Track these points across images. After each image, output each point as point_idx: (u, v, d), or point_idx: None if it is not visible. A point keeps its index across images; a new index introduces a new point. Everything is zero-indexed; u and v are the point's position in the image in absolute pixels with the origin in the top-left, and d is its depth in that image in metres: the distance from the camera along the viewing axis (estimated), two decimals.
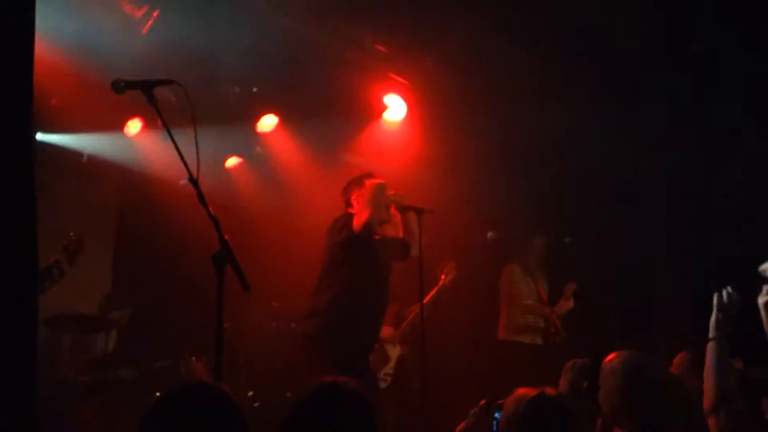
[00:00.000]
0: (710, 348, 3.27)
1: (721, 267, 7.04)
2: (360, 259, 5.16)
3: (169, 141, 3.28)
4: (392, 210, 5.38)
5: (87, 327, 6.91)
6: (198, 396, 2.07)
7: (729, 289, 3.28)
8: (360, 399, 2.38)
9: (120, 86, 3.41)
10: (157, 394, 6.93)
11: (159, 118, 3.33)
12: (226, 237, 3.16)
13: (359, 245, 5.15)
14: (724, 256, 6.87)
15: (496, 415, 2.76)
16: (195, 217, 3.39)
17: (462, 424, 2.90)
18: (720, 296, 3.24)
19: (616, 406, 3.05)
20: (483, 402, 2.87)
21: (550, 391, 2.60)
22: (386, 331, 6.68)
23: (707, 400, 3.39)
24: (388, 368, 6.92)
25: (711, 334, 3.24)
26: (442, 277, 6.96)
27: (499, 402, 2.76)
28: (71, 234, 5.04)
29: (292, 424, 2.30)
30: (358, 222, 5.10)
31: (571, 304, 7.13)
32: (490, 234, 7.27)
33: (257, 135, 7.85)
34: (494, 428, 2.75)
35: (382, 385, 6.72)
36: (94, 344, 6.99)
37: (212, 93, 7.14)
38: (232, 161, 8.22)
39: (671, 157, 7.73)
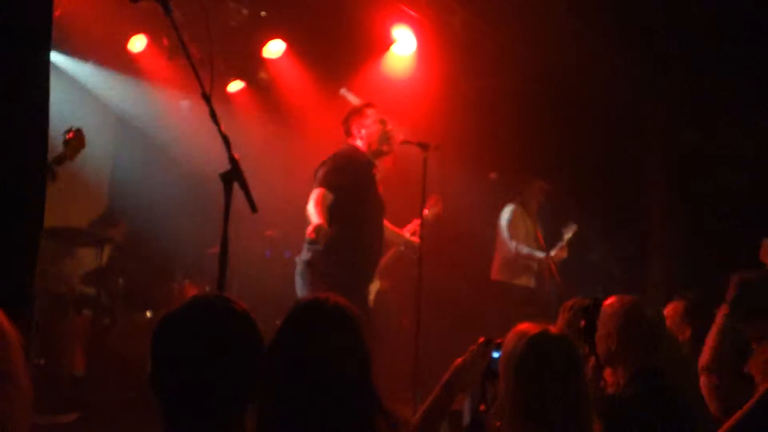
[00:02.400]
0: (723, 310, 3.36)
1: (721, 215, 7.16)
2: (362, 193, 5.15)
3: (175, 59, 3.21)
4: (395, 143, 5.34)
5: (81, 241, 6.91)
6: (222, 307, 2.00)
7: None
8: (343, 313, 2.34)
9: None
10: (148, 313, 6.99)
11: (175, 31, 3.25)
12: (236, 156, 3.12)
13: (351, 182, 5.17)
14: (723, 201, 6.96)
15: (495, 354, 2.73)
16: (197, 137, 3.34)
17: (458, 361, 2.87)
18: None
19: (613, 348, 3.09)
20: (482, 340, 2.85)
21: (552, 329, 2.57)
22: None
23: (704, 357, 3.45)
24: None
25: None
26: (425, 210, 6.86)
27: (498, 341, 2.74)
28: (71, 128, 4.89)
29: (278, 343, 2.28)
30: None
31: (565, 253, 7.08)
32: (492, 175, 7.21)
33: (262, 60, 7.74)
34: (492, 366, 2.73)
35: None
36: (87, 259, 7.00)
37: (220, 14, 7.03)
38: (235, 85, 8.12)
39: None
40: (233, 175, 3.08)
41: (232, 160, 3.10)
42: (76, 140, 4.86)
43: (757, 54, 6.84)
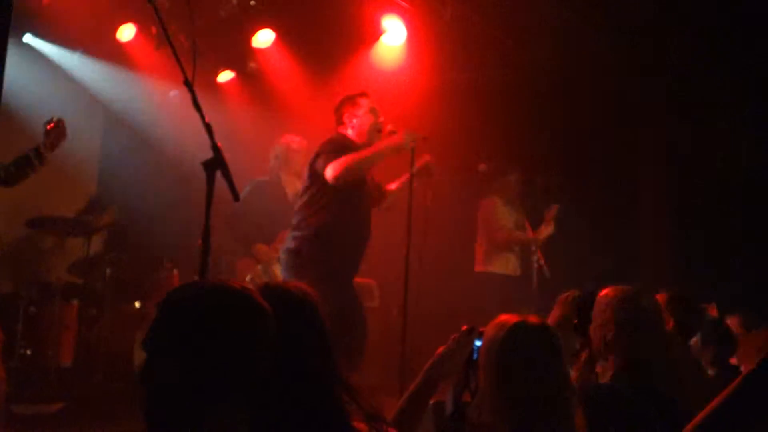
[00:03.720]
0: None
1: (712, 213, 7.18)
2: (354, 182, 5.13)
3: (162, 48, 3.20)
4: (385, 132, 5.30)
5: (69, 230, 6.88)
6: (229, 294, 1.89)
7: None
8: (298, 296, 2.28)
9: None
10: (136, 303, 6.98)
11: (157, 18, 3.23)
12: (219, 144, 3.11)
13: None
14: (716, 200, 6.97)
15: (477, 342, 2.73)
16: (186, 126, 3.32)
17: (440, 349, 2.87)
18: None
19: (608, 339, 3.06)
20: (464, 328, 2.84)
21: (533, 318, 2.55)
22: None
23: None
24: None
25: None
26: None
27: (481, 330, 2.73)
28: (52, 118, 4.76)
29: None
30: (332, 174, 4.96)
31: (551, 228, 7.08)
32: (481, 166, 7.18)
33: (252, 50, 7.71)
34: (474, 356, 2.72)
35: None
36: (75, 248, 6.97)
37: (209, 4, 7.00)
38: (225, 75, 8.09)
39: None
40: (216, 163, 3.07)
41: (215, 148, 3.08)
42: (56, 130, 4.74)
43: (751, 53, 6.84)
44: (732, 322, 4.98)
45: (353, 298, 5.18)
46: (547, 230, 7.11)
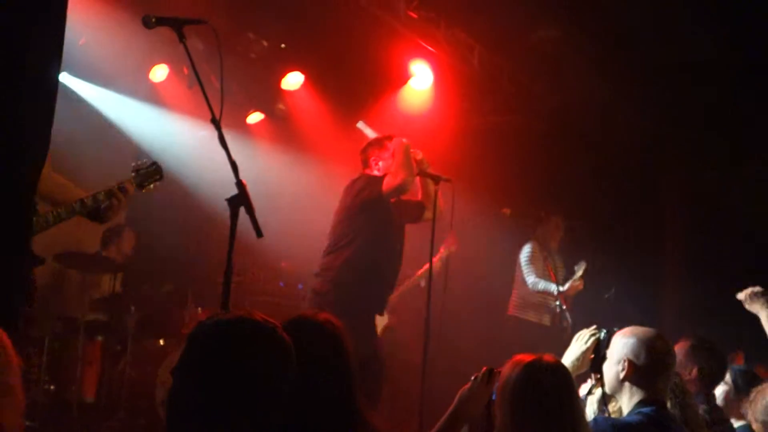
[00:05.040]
0: None
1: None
2: (377, 221, 5.14)
3: (193, 88, 3.27)
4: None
5: (94, 267, 6.95)
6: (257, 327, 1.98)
7: None
8: (328, 329, 2.39)
9: (151, 21, 3.37)
10: (161, 341, 7.00)
11: (188, 58, 3.31)
12: (243, 182, 3.16)
13: (378, 207, 5.12)
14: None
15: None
16: (213, 165, 3.35)
17: (463, 388, 2.88)
18: None
19: (621, 376, 3.08)
20: (485, 369, 2.85)
21: (548, 357, 2.58)
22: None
23: None
24: None
25: None
26: (441, 249, 6.85)
27: (500, 370, 2.74)
28: (146, 161, 4.30)
29: None
30: (390, 183, 5.03)
31: (580, 285, 7.06)
32: (505, 210, 7.20)
33: (281, 92, 7.82)
34: (493, 396, 2.74)
35: None
36: (101, 284, 7.03)
37: (240, 45, 7.13)
38: (254, 117, 8.20)
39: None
40: (240, 200, 3.12)
41: (239, 185, 3.14)
42: (150, 170, 4.28)
43: None
44: (759, 370, 4.89)
45: (372, 342, 5.16)
46: (576, 286, 7.04)
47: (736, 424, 4.33)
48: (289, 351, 1.97)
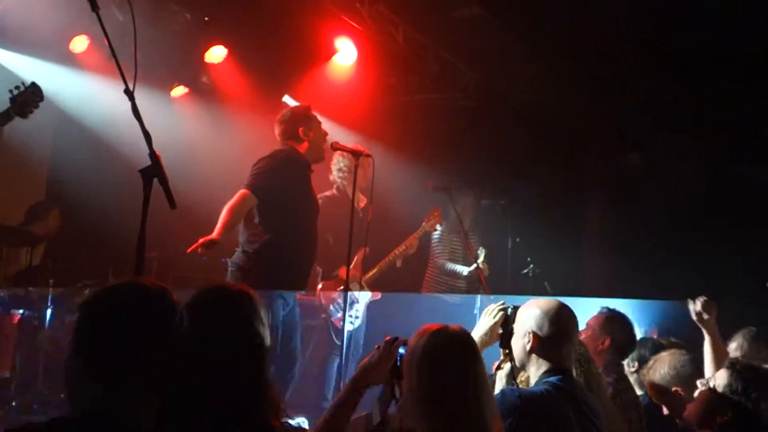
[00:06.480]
0: None
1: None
2: (296, 196, 5.19)
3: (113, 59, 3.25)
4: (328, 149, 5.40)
5: (12, 240, 6.82)
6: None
7: None
8: (239, 298, 2.42)
9: None
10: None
11: (100, 25, 3.27)
12: (157, 153, 3.15)
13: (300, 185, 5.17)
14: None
15: (401, 350, 2.79)
16: (137, 133, 3.30)
17: (366, 359, 2.93)
18: None
19: (528, 347, 3.17)
20: (388, 338, 2.90)
21: (454, 327, 2.64)
22: (351, 272, 6.23)
23: None
24: (355, 310, 6.45)
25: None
26: (424, 221, 6.94)
27: (404, 339, 2.80)
28: (21, 83, 4.54)
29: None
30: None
31: (486, 270, 7.05)
32: (427, 185, 7.24)
33: (205, 65, 7.74)
34: (398, 363, 2.79)
35: (349, 327, 6.18)
36: (18, 258, 6.91)
37: (163, 18, 7.02)
38: (178, 91, 8.10)
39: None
40: (153, 171, 3.11)
41: (153, 156, 3.12)
42: (26, 94, 4.48)
43: (697, 80, 7.02)
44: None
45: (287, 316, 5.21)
46: (480, 270, 6.98)
47: (640, 392, 4.52)
48: (173, 309, 2.07)
